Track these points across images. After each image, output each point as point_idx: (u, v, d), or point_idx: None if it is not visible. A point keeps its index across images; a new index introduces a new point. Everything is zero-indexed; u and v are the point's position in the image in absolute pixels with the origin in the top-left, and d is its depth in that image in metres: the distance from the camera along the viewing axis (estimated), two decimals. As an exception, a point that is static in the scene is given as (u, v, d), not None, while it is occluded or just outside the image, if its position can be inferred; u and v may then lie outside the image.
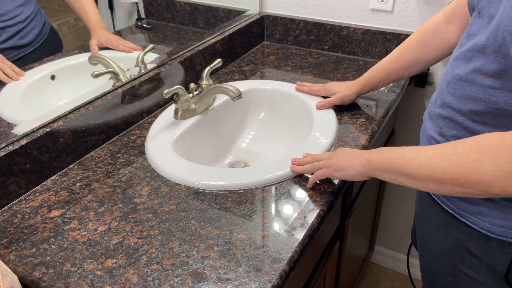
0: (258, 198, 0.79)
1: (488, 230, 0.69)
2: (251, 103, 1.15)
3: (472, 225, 0.71)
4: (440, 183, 0.61)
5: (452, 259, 0.77)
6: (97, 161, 0.90)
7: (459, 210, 0.73)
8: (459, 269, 0.76)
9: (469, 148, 0.57)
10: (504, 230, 0.67)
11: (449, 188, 0.60)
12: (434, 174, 0.61)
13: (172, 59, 1.11)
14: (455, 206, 0.73)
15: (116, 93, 0.96)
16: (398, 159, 0.66)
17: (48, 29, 0.83)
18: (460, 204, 0.72)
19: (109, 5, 0.97)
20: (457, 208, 0.73)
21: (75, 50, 0.91)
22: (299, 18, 1.38)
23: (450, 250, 0.77)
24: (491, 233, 0.69)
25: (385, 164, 0.68)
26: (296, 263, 0.68)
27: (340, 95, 1.02)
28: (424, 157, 0.62)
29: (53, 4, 0.86)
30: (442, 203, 0.76)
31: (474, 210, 0.70)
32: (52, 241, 0.71)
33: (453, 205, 0.74)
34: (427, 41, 0.90)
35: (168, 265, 0.66)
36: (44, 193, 0.82)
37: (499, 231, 0.68)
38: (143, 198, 0.79)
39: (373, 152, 0.72)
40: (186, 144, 0.97)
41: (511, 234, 0.67)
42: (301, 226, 0.72)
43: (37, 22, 0.81)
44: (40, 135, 0.81)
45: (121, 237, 0.71)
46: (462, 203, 0.72)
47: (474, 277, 0.74)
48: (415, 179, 0.64)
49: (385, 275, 1.70)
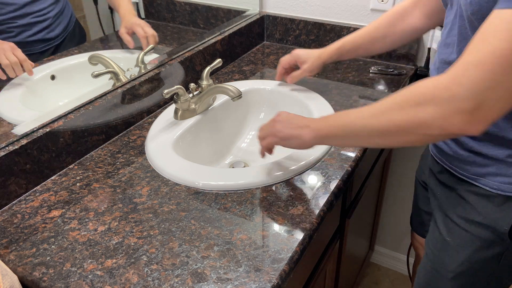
0: (258, 198, 0.79)
1: (498, 188, 0.73)
2: (251, 103, 1.15)
3: (482, 185, 0.74)
4: (385, 135, 0.62)
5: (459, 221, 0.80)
6: (97, 161, 0.90)
7: (470, 174, 0.76)
8: (463, 229, 0.79)
9: (409, 95, 0.59)
10: None
11: (395, 139, 0.62)
12: (380, 127, 0.62)
13: (172, 59, 1.11)
14: (466, 172, 0.77)
15: (116, 93, 0.96)
16: (344, 122, 0.68)
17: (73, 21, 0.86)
18: (471, 169, 0.75)
19: (109, 5, 0.97)
20: (468, 173, 0.76)
21: (75, 50, 0.91)
22: (299, 18, 1.38)
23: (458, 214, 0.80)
24: (501, 191, 0.72)
25: (332, 130, 0.70)
26: (296, 263, 0.68)
27: (308, 67, 1.05)
28: (367, 114, 0.64)
29: (53, 4, 0.86)
30: (455, 172, 0.79)
31: (483, 172, 0.74)
32: (52, 241, 0.71)
33: (465, 171, 0.77)
34: (395, 21, 0.95)
35: (168, 265, 0.66)
36: (44, 193, 0.82)
37: (508, 188, 0.72)
38: (143, 198, 0.80)
39: (317, 120, 0.73)
40: (186, 144, 0.97)
41: None
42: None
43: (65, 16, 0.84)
44: (40, 135, 0.81)
45: (121, 237, 0.71)
46: (473, 168, 0.75)
47: (475, 234, 0.77)
48: (361, 137, 0.66)
49: (385, 275, 1.70)
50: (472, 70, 0.52)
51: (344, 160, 0.87)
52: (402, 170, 1.50)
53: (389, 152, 1.39)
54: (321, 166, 0.86)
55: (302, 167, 0.84)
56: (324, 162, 0.87)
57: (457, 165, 0.79)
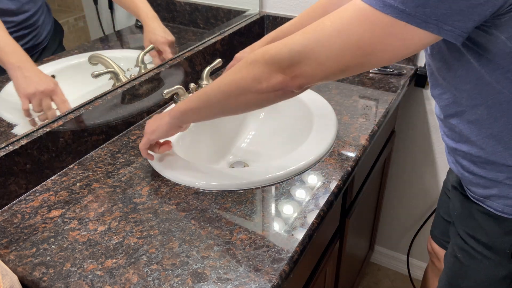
0: (258, 198, 0.79)
1: (502, 211, 0.73)
2: (251, 103, 1.15)
3: (487, 207, 0.75)
4: (229, 95, 0.68)
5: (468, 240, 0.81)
6: (97, 161, 0.90)
7: (477, 196, 0.77)
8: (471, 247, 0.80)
9: (248, 57, 0.66)
10: None
11: (237, 100, 0.68)
12: (225, 88, 0.69)
13: (172, 59, 1.11)
14: (474, 194, 0.78)
15: (116, 93, 0.96)
16: (197, 94, 0.74)
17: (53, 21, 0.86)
18: (477, 191, 0.77)
19: (109, 5, 0.97)
20: (476, 194, 0.78)
21: (75, 50, 0.91)
22: (299, 18, 1.38)
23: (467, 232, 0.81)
24: (504, 213, 0.73)
25: (188, 103, 0.75)
26: (296, 263, 0.68)
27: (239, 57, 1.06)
28: (217, 81, 0.70)
29: (53, 4, 0.86)
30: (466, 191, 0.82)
31: (488, 194, 0.74)
32: (52, 241, 0.71)
33: (473, 193, 0.78)
34: (331, 9, 0.92)
35: (168, 265, 0.66)
36: (44, 193, 0.82)
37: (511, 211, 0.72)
38: (143, 198, 0.79)
39: (177, 104, 0.79)
40: (186, 144, 0.97)
41: None
42: (301, 226, 0.72)
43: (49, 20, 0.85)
44: (40, 135, 0.81)
45: (121, 237, 0.71)
46: (479, 190, 0.76)
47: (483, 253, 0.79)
48: (213, 104, 0.72)
49: (385, 275, 1.70)
50: (297, 36, 0.59)
51: (344, 160, 0.87)
52: (402, 170, 1.50)
53: (389, 152, 1.39)
54: (321, 166, 0.86)
55: (302, 167, 0.84)
56: (324, 162, 0.87)
57: (466, 185, 0.80)
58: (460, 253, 0.83)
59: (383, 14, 0.51)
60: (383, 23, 0.52)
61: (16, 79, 0.77)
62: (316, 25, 0.58)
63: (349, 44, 0.55)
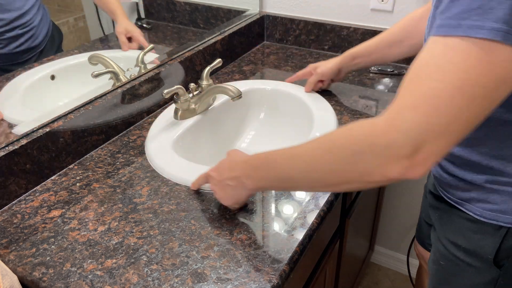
0: (258, 198, 0.79)
1: (481, 215, 0.71)
2: (251, 103, 1.15)
3: (467, 211, 0.74)
4: (328, 186, 0.60)
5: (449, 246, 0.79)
6: (97, 161, 0.90)
7: (456, 199, 0.75)
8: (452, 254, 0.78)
9: (344, 142, 0.56)
10: (495, 214, 0.70)
11: (339, 188, 0.59)
12: (322, 180, 0.59)
13: (172, 59, 1.11)
14: (452, 196, 0.76)
15: (116, 93, 0.96)
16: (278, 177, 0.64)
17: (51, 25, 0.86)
18: (456, 193, 0.75)
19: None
20: (454, 197, 0.76)
21: (75, 50, 0.91)
22: (299, 18, 1.38)
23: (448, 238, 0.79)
24: (483, 218, 0.71)
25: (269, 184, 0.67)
26: (296, 263, 0.68)
27: (320, 70, 1.06)
28: (303, 164, 0.60)
29: (53, 4, 0.86)
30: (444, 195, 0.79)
31: (467, 197, 0.73)
32: (52, 241, 0.71)
33: (452, 195, 0.76)
34: (412, 28, 0.95)
35: (168, 265, 0.66)
36: (44, 193, 0.82)
37: (489, 215, 0.70)
38: (143, 198, 0.79)
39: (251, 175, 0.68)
40: (186, 144, 0.97)
41: (501, 218, 0.69)
42: (301, 226, 0.72)
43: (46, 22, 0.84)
44: (40, 135, 0.81)
45: (121, 237, 0.71)
46: (458, 193, 0.74)
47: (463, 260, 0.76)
48: (299, 187, 0.66)
49: (385, 275, 1.70)
50: (406, 114, 0.50)
51: (344, 160, 0.87)
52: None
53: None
54: (321, 166, 0.86)
55: (302, 167, 0.84)
56: (324, 162, 0.87)
57: (444, 188, 0.78)
58: (443, 261, 0.81)
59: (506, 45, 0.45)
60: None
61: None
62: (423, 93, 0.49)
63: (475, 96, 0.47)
